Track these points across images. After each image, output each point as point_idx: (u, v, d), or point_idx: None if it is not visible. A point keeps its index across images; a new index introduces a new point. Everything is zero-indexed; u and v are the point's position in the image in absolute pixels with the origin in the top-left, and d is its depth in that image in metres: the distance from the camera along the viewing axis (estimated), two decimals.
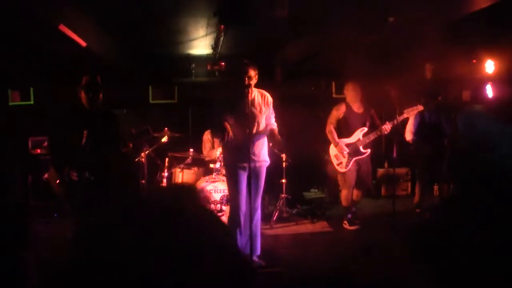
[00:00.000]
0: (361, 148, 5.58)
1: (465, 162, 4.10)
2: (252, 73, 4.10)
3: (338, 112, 5.70)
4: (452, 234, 2.01)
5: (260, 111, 4.30)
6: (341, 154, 5.63)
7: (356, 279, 3.82)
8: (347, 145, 5.62)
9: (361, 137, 5.60)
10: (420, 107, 5.55)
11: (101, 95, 4.10)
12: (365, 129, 5.62)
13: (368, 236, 5.24)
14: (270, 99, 4.37)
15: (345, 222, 5.80)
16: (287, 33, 5.90)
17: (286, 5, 4.29)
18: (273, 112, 4.47)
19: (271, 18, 4.46)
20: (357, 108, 5.67)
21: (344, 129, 5.71)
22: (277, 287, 3.95)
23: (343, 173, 5.67)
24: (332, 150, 5.75)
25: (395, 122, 5.40)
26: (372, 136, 5.57)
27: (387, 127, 5.47)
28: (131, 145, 4.14)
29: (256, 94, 4.31)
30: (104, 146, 4.03)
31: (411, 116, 5.87)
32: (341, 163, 5.66)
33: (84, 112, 4.05)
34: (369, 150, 5.63)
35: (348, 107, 5.67)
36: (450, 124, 6.10)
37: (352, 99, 5.65)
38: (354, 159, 5.59)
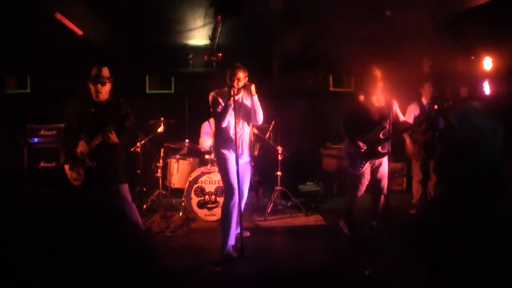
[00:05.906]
0: (379, 149, 4.85)
1: (455, 159, 4.09)
2: (241, 75, 4.22)
3: (355, 104, 4.95)
4: (437, 233, 2.02)
5: (245, 113, 4.40)
6: (356, 154, 4.90)
7: (347, 273, 3.84)
8: (364, 143, 4.85)
9: (380, 136, 4.84)
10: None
11: (109, 87, 4.15)
12: (386, 127, 4.79)
13: (361, 231, 5.21)
14: (252, 87, 4.28)
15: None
16: (284, 24, 5.86)
17: None
18: (258, 104, 4.37)
19: (266, 9, 4.45)
20: (376, 100, 4.89)
21: (360, 124, 4.89)
22: (268, 279, 3.97)
23: (355, 176, 4.98)
24: (347, 147, 5.04)
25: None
26: (395, 136, 4.79)
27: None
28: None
29: (242, 95, 4.40)
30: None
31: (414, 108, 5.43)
32: (354, 163, 4.95)
33: (92, 103, 4.11)
34: (387, 151, 4.82)
35: (367, 98, 4.90)
36: (444, 119, 6.07)
37: (373, 89, 4.85)
38: (369, 160, 4.90)
